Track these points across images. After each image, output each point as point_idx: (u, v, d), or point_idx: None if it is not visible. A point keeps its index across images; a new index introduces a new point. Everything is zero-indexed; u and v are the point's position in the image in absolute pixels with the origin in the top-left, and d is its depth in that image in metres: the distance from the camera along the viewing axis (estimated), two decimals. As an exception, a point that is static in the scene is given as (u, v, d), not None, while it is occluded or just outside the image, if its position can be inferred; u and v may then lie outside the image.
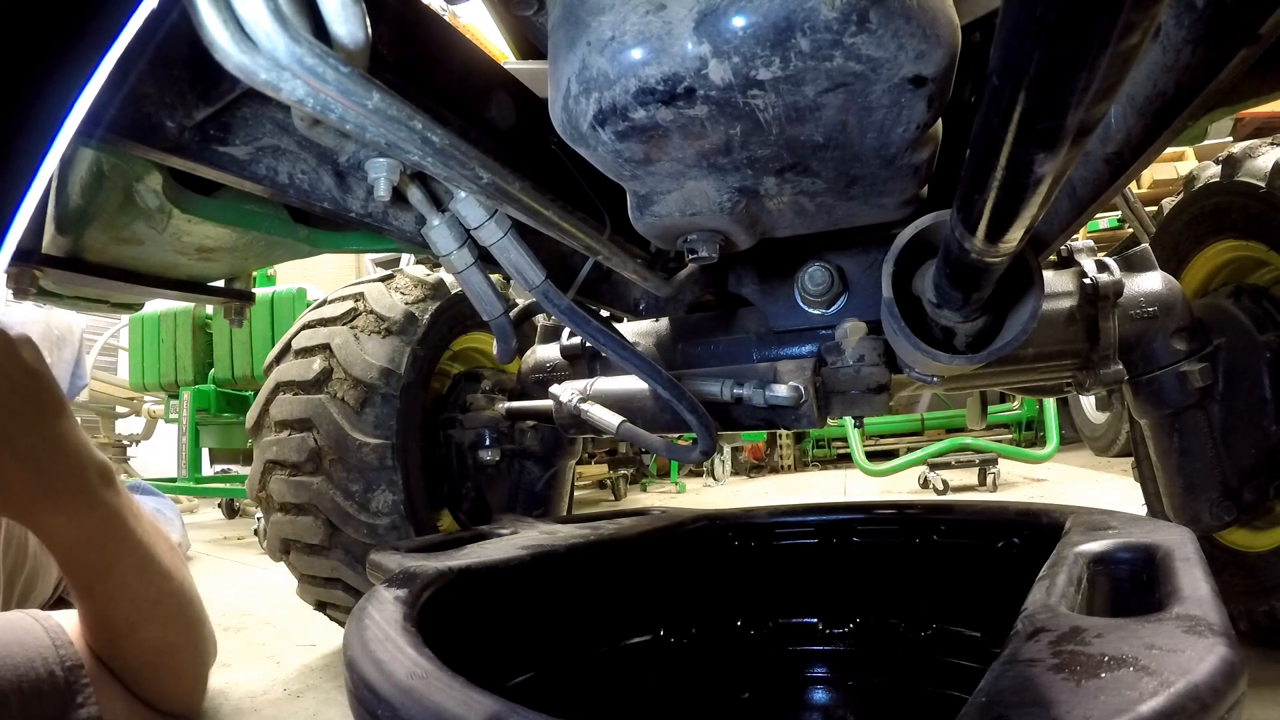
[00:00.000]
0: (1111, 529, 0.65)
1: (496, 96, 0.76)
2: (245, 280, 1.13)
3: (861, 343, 0.92)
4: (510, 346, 0.84)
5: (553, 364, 1.36)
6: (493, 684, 0.77)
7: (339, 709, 1.42)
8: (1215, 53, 0.60)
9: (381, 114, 0.43)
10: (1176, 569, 0.52)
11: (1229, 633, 0.42)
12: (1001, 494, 3.82)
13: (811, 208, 0.69)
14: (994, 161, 0.35)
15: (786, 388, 0.90)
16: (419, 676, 0.47)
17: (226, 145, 0.62)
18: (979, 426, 5.02)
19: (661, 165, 0.59)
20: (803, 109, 0.52)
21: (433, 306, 1.48)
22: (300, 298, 3.77)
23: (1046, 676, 0.39)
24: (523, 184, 0.57)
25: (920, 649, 0.94)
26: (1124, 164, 0.71)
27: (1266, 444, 1.20)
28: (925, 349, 0.67)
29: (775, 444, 6.54)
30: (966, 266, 0.52)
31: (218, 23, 0.36)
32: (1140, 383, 1.21)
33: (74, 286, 0.91)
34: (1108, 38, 0.24)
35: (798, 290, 0.99)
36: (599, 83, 0.51)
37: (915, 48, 0.48)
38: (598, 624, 0.94)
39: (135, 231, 0.83)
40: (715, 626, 1.02)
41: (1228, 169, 1.29)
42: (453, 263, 0.77)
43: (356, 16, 0.47)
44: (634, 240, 0.77)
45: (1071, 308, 1.16)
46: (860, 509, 1.02)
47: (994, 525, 0.88)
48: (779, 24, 0.46)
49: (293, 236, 0.88)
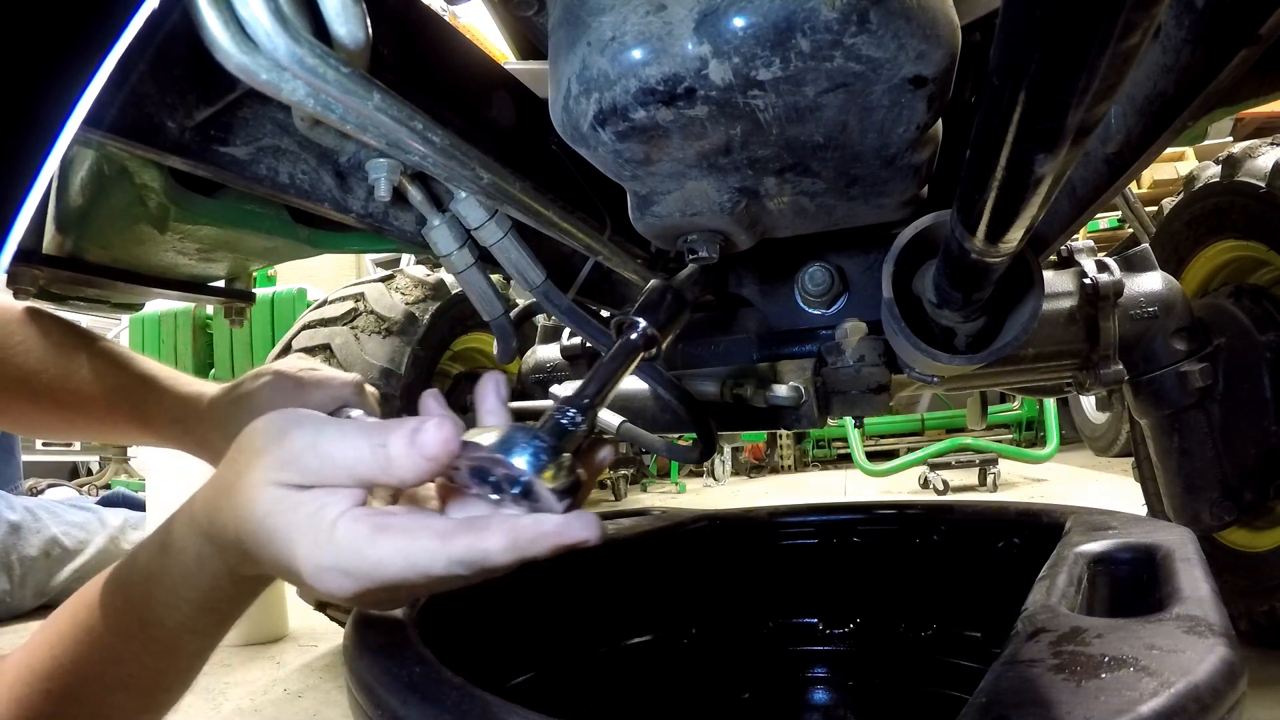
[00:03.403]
0: (1111, 529, 0.65)
1: (497, 96, 0.76)
2: (245, 280, 1.13)
3: (862, 343, 0.92)
4: (511, 347, 0.84)
5: (553, 364, 1.36)
6: (493, 684, 0.77)
7: (339, 709, 1.42)
8: (1215, 53, 0.60)
9: (382, 114, 0.43)
10: (1177, 569, 0.52)
11: (1229, 633, 0.42)
12: (1002, 494, 3.82)
13: (812, 208, 0.69)
14: (994, 161, 0.35)
15: (786, 388, 0.90)
16: (419, 676, 0.47)
17: (227, 145, 0.62)
18: (979, 427, 5.03)
19: (662, 165, 0.59)
20: (803, 109, 0.52)
21: (433, 307, 1.48)
22: (300, 298, 3.77)
23: (1047, 677, 0.39)
24: (523, 184, 0.57)
25: (921, 649, 0.94)
26: (1124, 164, 0.71)
27: (1266, 444, 1.20)
28: (925, 349, 0.67)
29: (775, 444, 6.55)
30: (966, 266, 0.52)
31: (218, 23, 0.36)
32: (1140, 383, 1.21)
33: (74, 286, 0.91)
34: (1108, 38, 0.24)
35: (798, 290, 0.99)
36: (599, 83, 0.51)
37: (915, 48, 0.48)
38: (598, 624, 0.94)
39: (135, 231, 0.83)
40: (715, 626, 1.02)
41: (1228, 169, 1.29)
42: (453, 263, 0.77)
43: (357, 16, 0.47)
44: (634, 240, 0.77)
45: (1072, 308, 1.16)
46: (860, 509, 1.02)
47: (994, 525, 0.88)
48: (779, 24, 0.46)
49: (293, 237, 0.88)
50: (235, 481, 0.46)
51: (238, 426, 0.78)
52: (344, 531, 0.43)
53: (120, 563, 0.53)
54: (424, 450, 0.43)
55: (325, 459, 0.44)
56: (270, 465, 0.45)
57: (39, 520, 2.50)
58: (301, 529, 0.44)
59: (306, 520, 0.44)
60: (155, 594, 0.50)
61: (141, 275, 0.95)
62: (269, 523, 0.44)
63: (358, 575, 0.44)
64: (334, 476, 0.45)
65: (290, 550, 0.44)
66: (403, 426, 0.44)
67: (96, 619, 0.51)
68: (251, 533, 0.45)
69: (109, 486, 4.00)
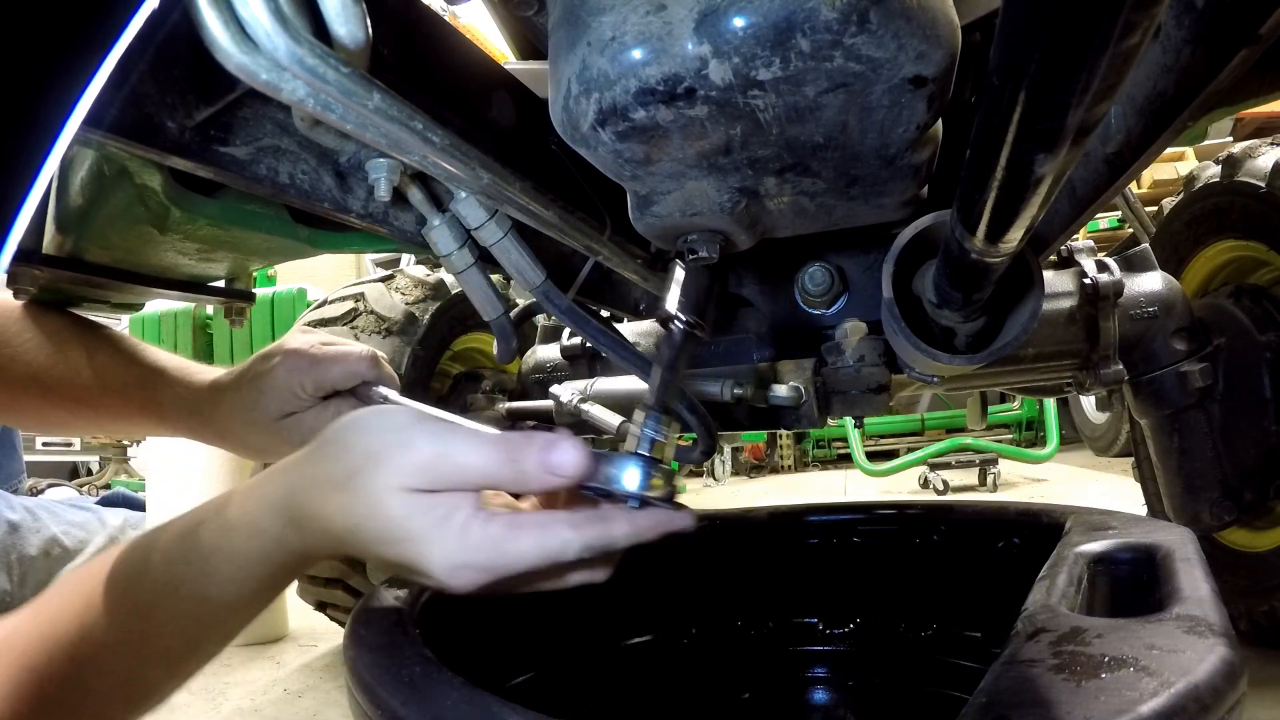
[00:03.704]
0: (1111, 529, 0.65)
1: (497, 97, 0.76)
2: (245, 280, 1.13)
3: (862, 343, 0.92)
4: (510, 347, 0.84)
5: (553, 364, 1.36)
6: (493, 684, 0.77)
7: (339, 709, 1.42)
8: (1215, 53, 0.60)
9: (382, 114, 0.43)
10: (1177, 569, 0.52)
11: (1229, 633, 0.42)
12: (1002, 494, 3.82)
13: (812, 208, 0.69)
14: (994, 161, 0.35)
15: (786, 388, 0.90)
16: (419, 677, 0.47)
17: (227, 145, 0.62)
18: (979, 427, 5.02)
19: (662, 165, 0.59)
20: (803, 109, 0.52)
21: (433, 307, 1.48)
22: (300, 298, 3.77)
23: (1047, 677, 0.39)
24: (523, 184, 0.57)
25: (921, 649, 0.94)
26: (1124, 164, 0.71)
27: (1266, 444, 1.20)
28: (925, 349, 0.67)
29: (775, 444, 6.54)
30: (966, 266, 0.52)
31: (218, 23, 0.36)
32: (1140, 383, 1.21)
33: (74, 286, 0.91)
34: (1108, 38, 0.24)
35: (798, 290, 0.99)
36: (599, 83, 0.51)
37: (915, 48, 0.48)
38: (598, 624, 0.94)
39: (135, 231, 0.82)
40: (715, 626, 1.02)
41: (1228, 169, 1.29)
42: (453, 263, 0.77)
43: (357, 16, 0.47)
44: (634, 240, 0.77)
45: (1071, 308, 1.16)
46: (860, 509, 1.02)
47: (994, 525, 0.88)
48: (779, 24, 0.46)
49: (293, 237, 0.88)
50: (350, 479, 0.49)
51: (256, 411, 0.81)
52: (478, 532, 0.49)
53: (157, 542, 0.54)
54: (558, 470, 0.50)
55: (459, 468, 0.49)
56: (400, 470, 0.49)
57: (39, 520, 2.50)
58: (434, 531, 0.48)
59: (439, 523, 0.48)
60: (220, 569, 0.52)
61: (141, 275, 0.95)
62: (403, 525, 0.48)
63: (493, 569, 0.49)
64: (464, 484, 0.50)
65: (422, 550, 0.49)
66: (532, 444, 0.50)
67: (134, 592, 0.52)
68: (377, 531, 0.49)
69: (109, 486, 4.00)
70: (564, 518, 0.51)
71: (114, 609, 0.52)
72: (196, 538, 0.53)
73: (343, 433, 0.52)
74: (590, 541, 0.50)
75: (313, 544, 0.53)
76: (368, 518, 0.49)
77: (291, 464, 0.53)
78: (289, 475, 0.53)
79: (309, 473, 0.52)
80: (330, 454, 0.51)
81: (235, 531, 0.52)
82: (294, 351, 0.79)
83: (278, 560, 0.53)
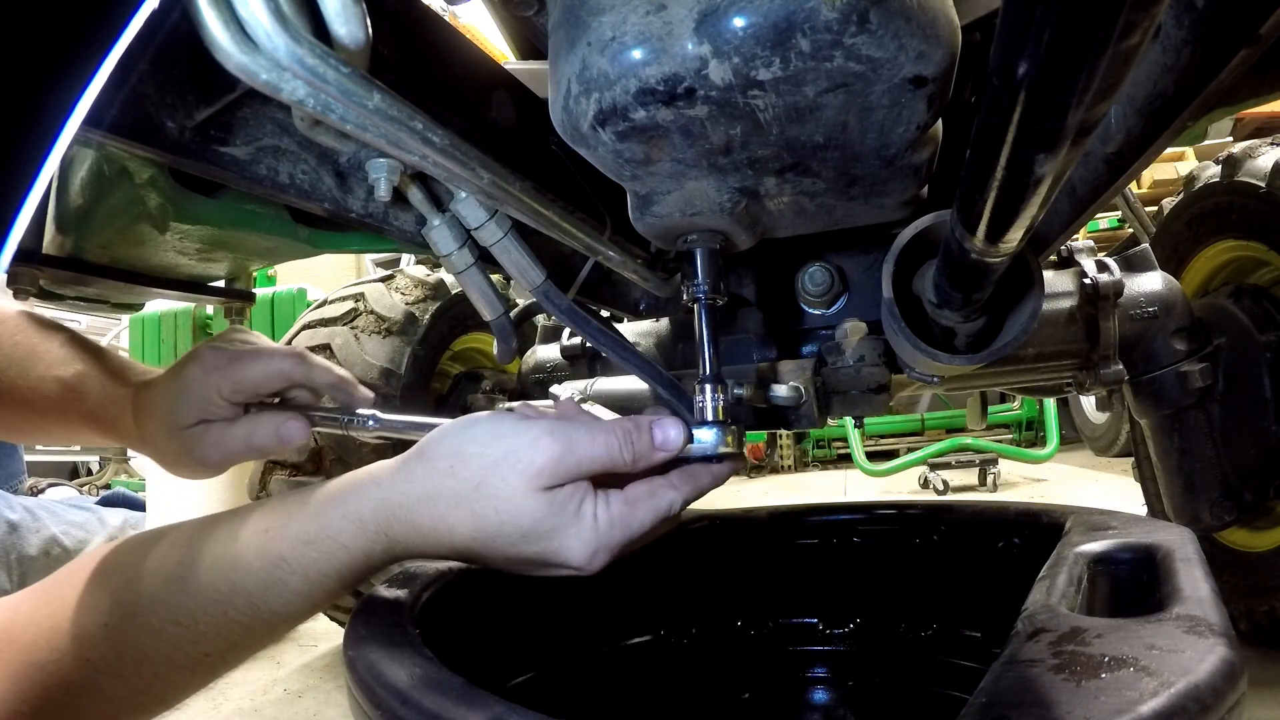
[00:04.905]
0: (1111, 529, 0.65)
1: (496, 96, 0.76)
2: (245, 280, 1.13)
3: (862, 343, 0.92)
4: (511, 347, 0.84)
5: (553, 364, 1.36)
6: (493, 684, 0.77)
7: (339, 709, 1.42)
8: (1215, 53, 0.60)
9: (382, 114, 0.43)
10: (1177, 569, 0.52)
11: (1229, 633, 0.42)
12: (1002, 494, 3.81)
13: (811, 208, 0.69)
14: (994, 161, 0.35)
15: (786, 388, 0.90)
16: (419, 677, 0.47)
17: (227, 145, 0.62)
18: (979, 426, 5.02)
19: (662, 165, 0.59)
20: (803, 109, 0.52)
21: (433, 307, 1.48)
22: (300, 298, 3.76)
23: (1047, 677, 0.39)
24: (523, 184, 0.57)
25: (921, 649, 0.94)
26: (1124, 164, 0.71)
27: (1266, 444, 1.20)
28: (925, 349, 0.67)
29: (775, 444, 6.54)
30: (966, 266, 0.52)
31: (218, 23, 0.36)
32: (1140, 383, 1.21)
33: (74, 286, 0.91)
34: (1108, 38, 0.24)
35: (798, 290, 0.99)
36: (599, 83, 0.51)
37: (915, 48, 0.48)
38: (598, 624, 0.94)
39: (135, 231, 0.83)
40: (715, 626, 1.02)
41: (1228, 169, 1.29)
42: (453, 263, 0.77)
43: (357, 16, 0.47)
44: (634, 240, 0.77)
45: (1071, 308, 1.16)
46: (860, 509, 1.02)
47: (994, 525, 0.88)
48: (779, 24, 0.46)
49: (293, 237, 0.88)
50: (478, 489, 0.52)
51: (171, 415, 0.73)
52: (604, 516, 0.54)
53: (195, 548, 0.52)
54: (668, 446, 0.58)
55: (584, 461, 0.54)
56: (531, 472, 0.52)
57: (39, 520, 2.50)
58: (571, 524, 0.53)
59: (574, 516, 0.53)
60: (287, 581, 0.52)
61: (141, 275, 0.95)
62: (544, 523, 0.53)
63: (624, 545, 0.56)
64: (587, 473, 0.54)
65: (562, 544, 0.54)
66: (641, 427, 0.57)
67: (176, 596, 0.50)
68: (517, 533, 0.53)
69: (109, 486, 4.00)
70: (663, 481, 0.58)
71: (146, 611, 0.49)
72: (259, 549, 0.51)
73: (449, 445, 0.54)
74: (688, 496, 0.58)
75: (406, 555, 0.54)
76: (506, 524, 0.52)
77: (384, 480, 0.54)
78: (382, 492, 0.53)
79: (411, 491, 0.53)
80: (440, 469, 0.53)
81: (311, 546, 0.52)
82: (212, 349, 0.72)
83: (352, 573, 0.53)
